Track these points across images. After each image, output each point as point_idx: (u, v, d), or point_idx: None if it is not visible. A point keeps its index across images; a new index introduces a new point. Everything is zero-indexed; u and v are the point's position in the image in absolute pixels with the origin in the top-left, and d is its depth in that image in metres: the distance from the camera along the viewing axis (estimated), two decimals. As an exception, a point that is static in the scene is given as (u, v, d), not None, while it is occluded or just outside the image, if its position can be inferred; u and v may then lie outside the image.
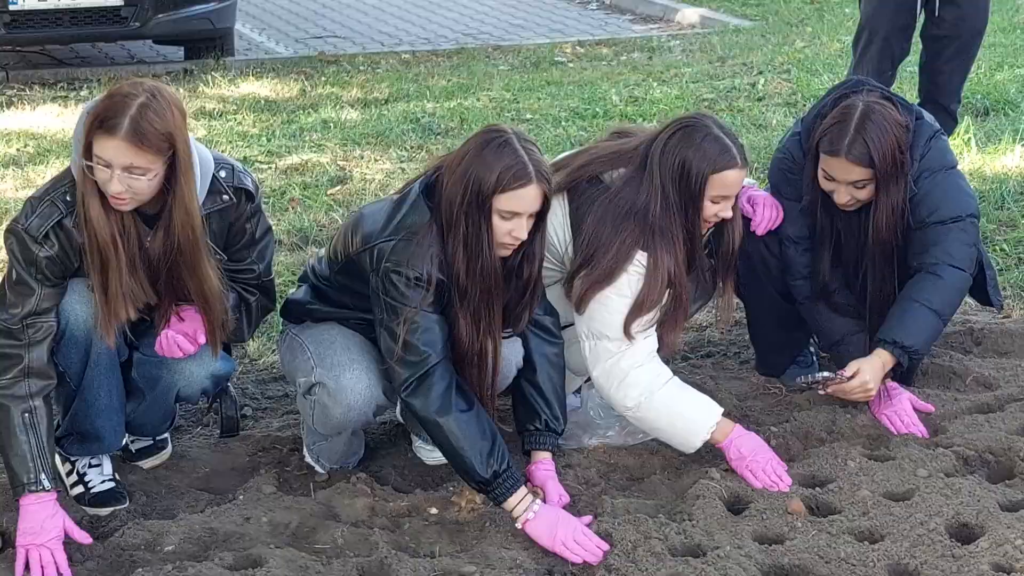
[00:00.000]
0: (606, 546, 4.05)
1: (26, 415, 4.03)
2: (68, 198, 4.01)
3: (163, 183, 3.97)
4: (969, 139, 7.91)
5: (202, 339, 4.21)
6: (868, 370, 4.65)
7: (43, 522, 4.01)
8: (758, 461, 4.42)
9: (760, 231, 4.79)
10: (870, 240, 4.73)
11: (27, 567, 3.97)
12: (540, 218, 4.18)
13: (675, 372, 4.60)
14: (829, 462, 4.50)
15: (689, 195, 4.38)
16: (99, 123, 3.86)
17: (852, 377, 4.64)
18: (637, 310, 4.40)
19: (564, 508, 4.25)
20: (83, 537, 4.09)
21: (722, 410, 4.53)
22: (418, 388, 4.13)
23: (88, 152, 3.89)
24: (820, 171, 4.68)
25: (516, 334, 4.39)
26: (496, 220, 4.08)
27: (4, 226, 4.17)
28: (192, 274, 4.11)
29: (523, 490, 4.16)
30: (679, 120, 4.48)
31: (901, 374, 4.94)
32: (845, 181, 4.63)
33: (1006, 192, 7.12)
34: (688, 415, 4.48)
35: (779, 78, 10.30)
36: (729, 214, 4.47)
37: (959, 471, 4.46)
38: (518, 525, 4.14)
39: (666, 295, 4.43)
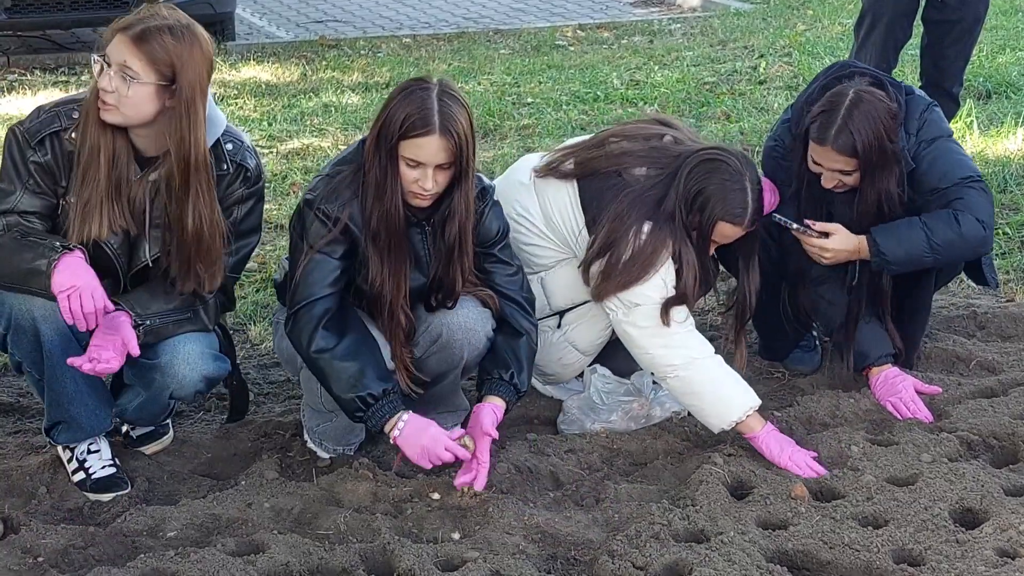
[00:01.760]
0: (466, 454, 4.19)
1: (15, 235, 3.99)
2: (75, 115, 4.06)
3: (160, 114, 3.99)
4: (971, 122, 7.90)
5: (133, 350, 4.06)
6: (839, 240, 4.70)
7: (75, 271, 3.93)
8: (797, 453, 4.44)
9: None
10: (854, 226, 4.72)
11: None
12: (462, 175, 4.18)
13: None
14: (833, 447, 4.50)
15: (698, 225, 4.42)
16: (123, 25, 3.99)
17: (822, 235, 4.69)
18: (674, 295, 4.45)
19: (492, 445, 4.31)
20: (109, 306, 4.01)
21: (760, 402, 4.53)
22: (294, 324, 4.21)
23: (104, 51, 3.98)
24: (809, 156, 4.68)
25: (453, 304, 4.37)
26: (403, 167, 4.13)
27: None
28: (184, 207, 4.05)
29: (397, 414, 4.18)
30: (725, 150, 4.49)
31: (902, 361, 4.94)
32: (830, 168, 4.63)
33: (1008, 175, 7.12)
34: (732, 390, 4.50)
35: (780, 61, 10.29)
36: (710, 252, 4.52)
37: (963, 456, 4.46)
38: (391, 442, 4.23)
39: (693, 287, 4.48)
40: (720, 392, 4.49)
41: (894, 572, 3.84)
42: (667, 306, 4.44)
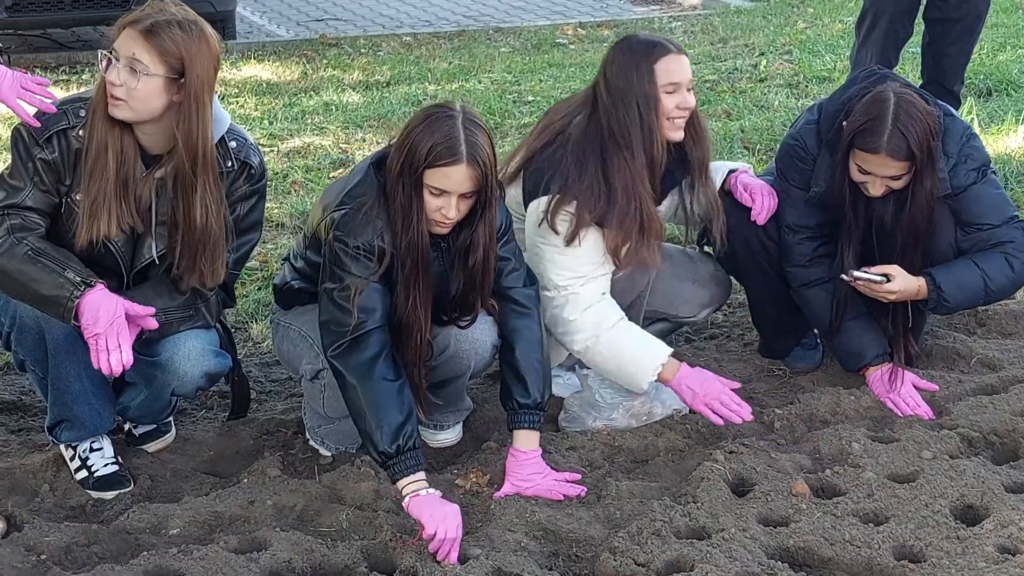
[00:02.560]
0: (455, 549, 3.95)
1: (28, 251, 3.98)
2: (82, 112, 4.05)
3: (169, 110, 3.99)
4: (972, 120, 7.89)
5: (149, 324, 4.08)
6: (901, 283, 4.71)
7: (98, 311, 3.93)
8: (710, 393, 4.49)
9: (761, 220, 4.78)
10: (903, 226, 4.71)
11: None
12: (485, 206, 4.16)
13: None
14: (834, 444, 4.50)
15: (643, 92, 4.41)
16: (131, 20, 4.00)
17: (885, 280, 4.71)
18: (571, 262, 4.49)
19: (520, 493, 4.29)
20: (145, 310, 4.03)
21: (671, 351, 4.55)
22: (348, 349, 4.09)
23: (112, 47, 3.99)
24: (854, 165, 4.63)
25: (471, 323, 4.38)
26: (427, 195, 4.08)
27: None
28: (192, 202, 4.06)
29: (421, 474, 4.07)
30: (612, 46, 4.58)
31: (903, 357, 4.95)
32: (882, 176, 4.61)
33: (1009, 173, 7.12)
34: (635, 356, 4.53)
35: (781, 59, 10.30)
36: (692, 102, 4.48)
37: (963, 453, 4.46)
38: (405, 501, 4.05)
39: (631, 230, 4.45)
40: (627, 359, 4.53)
41: (895, 569, 3.85)
42: (561, 272, 4.50)
